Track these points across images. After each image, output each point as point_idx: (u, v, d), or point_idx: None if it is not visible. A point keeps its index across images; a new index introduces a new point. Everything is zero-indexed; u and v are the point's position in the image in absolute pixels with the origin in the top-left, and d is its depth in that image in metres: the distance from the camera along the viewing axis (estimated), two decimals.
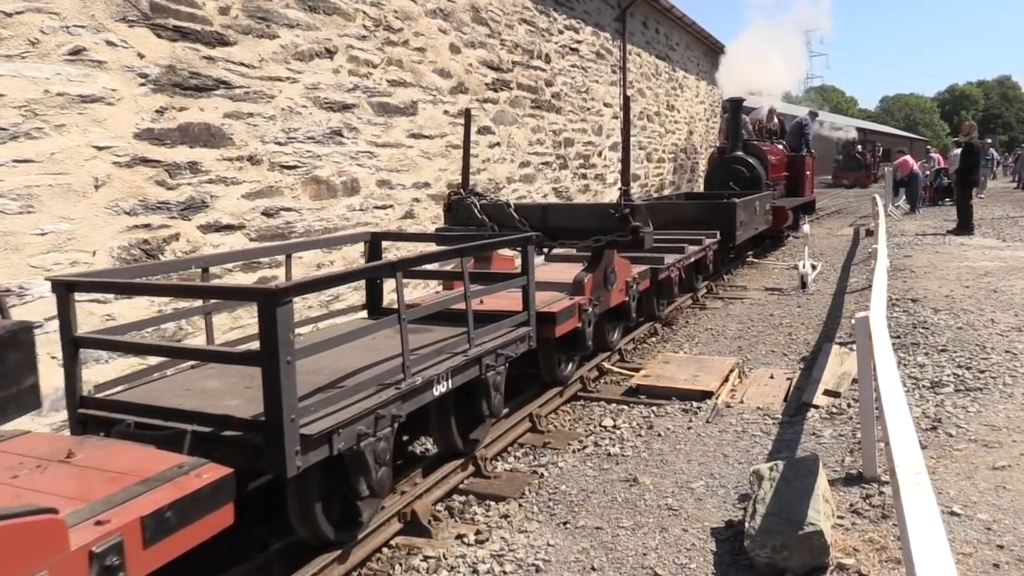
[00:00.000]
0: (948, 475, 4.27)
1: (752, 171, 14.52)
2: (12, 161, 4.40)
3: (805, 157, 17.42)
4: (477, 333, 4.44)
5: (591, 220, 6.43)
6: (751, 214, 12.06)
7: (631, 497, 4.34)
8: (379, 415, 3.54)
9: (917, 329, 7.41)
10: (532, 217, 6.61)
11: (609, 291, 6.41)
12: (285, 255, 5.03)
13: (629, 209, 6.13)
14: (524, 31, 10.85)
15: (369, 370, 3.90)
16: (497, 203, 6.68)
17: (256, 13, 6.13)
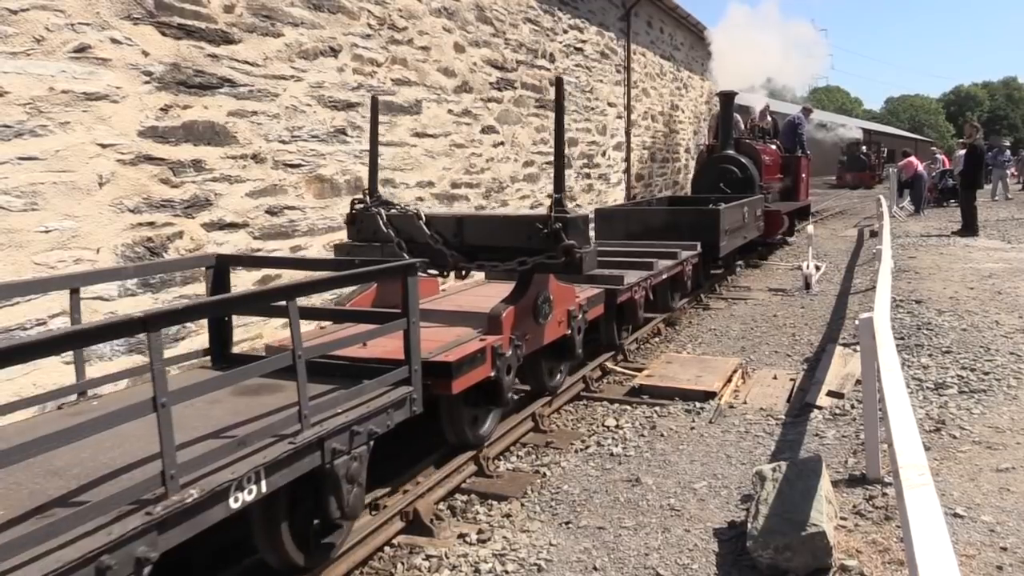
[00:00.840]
0: (952, 477, 4.26)
1: (744, 172, 13.35)
2: (17, 158, 4.40)
3: (800, 158, 16.38)
4: (319, 405, 3.20)
5: (516, 236, 5.12)
6: (739, 221, 10.97)
7: (633, 497, 4.34)
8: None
9: (921, 330, 7.39)
10: (447, 231, 5.35)
11: (542, 325, 5.20)
12: (70, 290, 3.66)
13: (561, 224, 4.85)
14: (528, 30, 10.84)
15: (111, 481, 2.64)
16: (407, 214, 5.41)
17: (261, 11, 6.13)
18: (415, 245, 5.29)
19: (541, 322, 5.17)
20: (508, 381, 4.75)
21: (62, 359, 4.61)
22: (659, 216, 10.56)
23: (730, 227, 10.21)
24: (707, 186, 13.44)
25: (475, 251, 5.31)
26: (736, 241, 10.81)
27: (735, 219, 10.65)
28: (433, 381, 4.09)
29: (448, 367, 4.15)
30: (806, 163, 16.68)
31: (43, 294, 4.47)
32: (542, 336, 5.24)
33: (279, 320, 6.25)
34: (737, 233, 10.77)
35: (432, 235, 5.29)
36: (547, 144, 11.57)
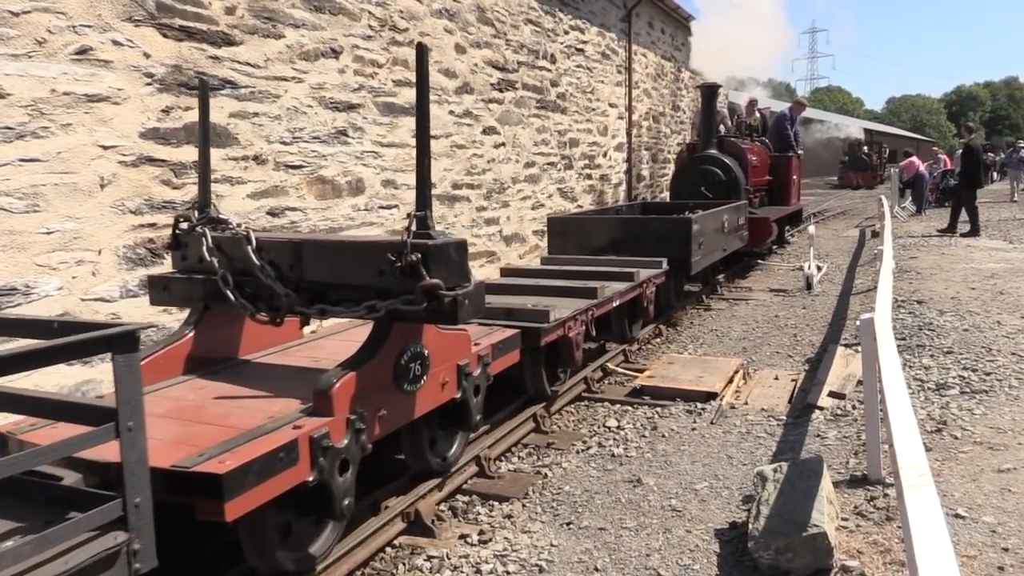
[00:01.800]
0: (953, 477, 4.26)
1: (728, 173, 11.92)
2: (18, 160, 4.41)
3: (791, 158, 14.72)
4: None
5: (365, 270, 3.68)
6: (717, 231, 9.60)
7: (635, 498, 4.34)
8: None
9: (923, 331, 7.39)
10: (283, 260, 3.88)
11: (412, 392, 3.79)
12: None
13: (421, 255, 3.48)
14: (530, 31, 10.84)
15: None
16: (236, 237, 3.98)
17: (262, 13, 6.14)
18: (249, 279, 3.91)
19: (408, 388, 3.77)
20: (343, 485, 3.31)
21: None
22: (621, 226, 8.97)
23: (706, 238, 8.93)
24: (687, 190, 12.05)
25: (320, 289, 3.84)
26: (714, 254, 9.55)
27: (713, 229, 9.35)
28: (197, 502, 2.74)
29: (217, 483, 2.67)
30: (797, 163, 15.18)
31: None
32: (411, 407, 3.83)
33: None
34: (715, 245, 9.50)
35: (262, 265, 3.83)
36: (548, 145, 11.57)
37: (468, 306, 3.57)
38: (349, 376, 3.39)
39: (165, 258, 5.33)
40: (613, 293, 6.60)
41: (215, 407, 3.50)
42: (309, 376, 3.64)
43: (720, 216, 9.76)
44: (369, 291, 3.65)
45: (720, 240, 9.76)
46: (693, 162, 12.42)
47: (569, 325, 5.65)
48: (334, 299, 3.78)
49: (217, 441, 2.96)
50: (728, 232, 10.12)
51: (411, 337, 3.80)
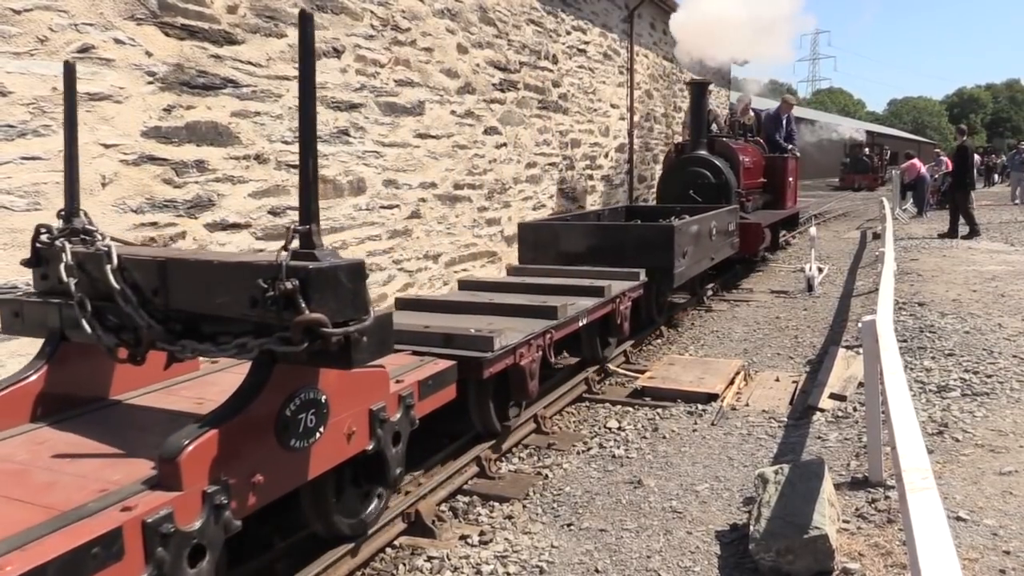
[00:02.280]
0: (955, 480, 4.25)
1: (719, 176, 11.15)
2: (20, 158, 4.41)
3: (787, 159, 13.86)
4: None
5: (238, 298, 2.89)
6: (704, 238, 8.87)
7: (635, 499, 4.34)
8: None
9: (924, 333, 7.39)
10: (147, 282, 3.15)
11: (303, 449, 3.04)
12: None
13: (299, 281, 2.71)
14: (531, 31, 10.83)
15: None
16: (96, 252, 3.22)
17: (264, 12, 6.13)
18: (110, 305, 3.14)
19: (298, 445, 3.00)
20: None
21: None
22: (597, 234, 8.17)
23: (691, 246, 8.24)
24: (675, 193, 11.32)
25: (192, 319, 3.08)
26: (700, 263, 8.79)
27: (698, 236, 8.60)
28: None
29: None
30: (794, 165, 14.37)
31: None
32: (302, 467, 3.07)
33: None
34: (702, 253, 8.76)
35: (122, 289, 3.08)
36: (550, 146, 11.56)
37: (366, 345, 2.78)
38: (207, 436, 2.63)
39: None
40: (579, 311, 5.88)
41: (44, 472, 2.75)
42: (186, 424, 2.79)
43: (707, 222, 9.01)
44: (246, 324, 2.88)
45: (708, 248, 9.00)
46: (681, 164, 11.64)
47: (521, 352, 4.92)
48: (209, 332, 3.01)
49: (16, 529, 2.25)
50: (717, 239, 9.40)
51: (302, 380, 3.00)
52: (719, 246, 9.58)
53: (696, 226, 8.57)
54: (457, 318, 5.58)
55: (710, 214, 9.22)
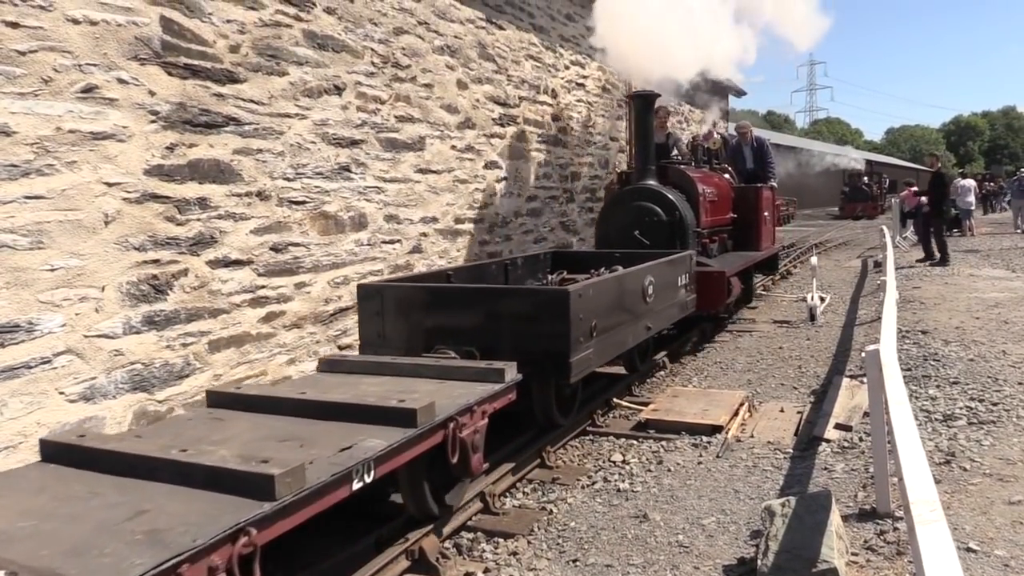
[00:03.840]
0: (963, 510, 4.21)
1: (671, 212, 8.76)
2: (23, 197, 4.43)
3: (761, 191, 11.30)
4: None
5: None
6: (633, 301, 6.28)
7: (641, 534, 4.29)
8: None
9: (928, 361, 7.36)
10: None
11: None
12: None
13: None
14: (531, 67, 10.94)
15: None
16: None
17: (266, 51, 6.20)
18: None
19: None
20: None
21: (66, 397, 4.61)
22: (460, 301, 5.51)
23: (606, 317, 5.64)
24: (616, 234, 8.95)
25: None
26: (625, 339, 6.13)
27: (621, 299, 6.02)
28: None
29: None
30: (770, 197, 11.82)
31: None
32: None
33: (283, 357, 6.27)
34: (628, 324, 6.17)
35: None
36: (550, 179, 11.62)
37: None
38: None
39: (169, 295, 5.34)
40: (347, 466, 3.16)
41: None
42: None
43: (639, 278, 6.39)
44: None
45: (642, 313, 6.44)
46: (623, 197, 9.18)
47: None
48: None
49: None
50: (660, 298, 6.82)
51: None
52: (663, 308, 6.98)
53: (615, 288, 5.95)
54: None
55: (644, 266, 6.61)
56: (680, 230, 8.79)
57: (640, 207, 8.93)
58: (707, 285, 8.47)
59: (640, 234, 8.75)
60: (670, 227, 8.78)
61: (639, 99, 9.47)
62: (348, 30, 7.16)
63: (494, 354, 4.97)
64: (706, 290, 8.40)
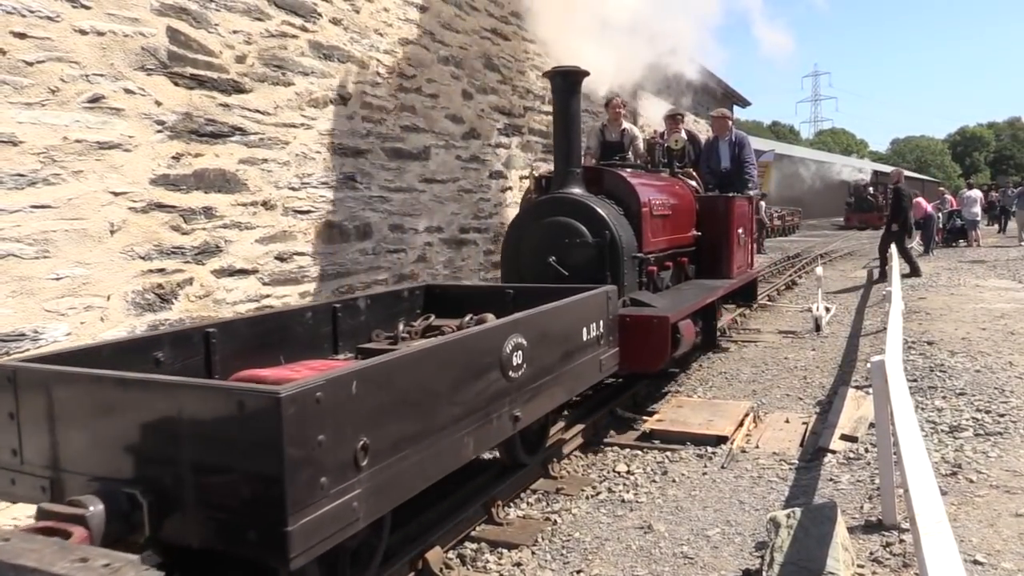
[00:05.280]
0: (970, 522, 4.19)
1: (599, 231, 6.47)
2: (29, 207, 4.45)
3: (733, 201, 8.78)
4: None
5: None
6: (471, 383, 3.62)
7: (646, 545, 4.27)
8: None
9: (934, 372, 7.33)
10: None
11: None
12: None
13: None
14: (535, 76, 10.97)
15: None
16: None
17: (272, 61, 6.23)
18: None
19: None
20: None
21: None
22: (101, 400, 2.84)
23: (405, 422, 3.11)
24: (528, 260, 6.64)
25: None
26: (443, 454, 3.37)
27: (447, 385, 3.44)
28: None
29: None
30: (746, 209, 9.32)
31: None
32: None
33: None
34: (462, 422, 3.52)
35: None
36: None
37: None
38: None
39: (174, 304, 5.35)
40: None
41: None
42: None
43: (490, 341, 3.85)
44: None
45: (492, 398, 3.80)
46: (537, 211, 6.80)
47: None
48: None
49: None
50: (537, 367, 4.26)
51: None
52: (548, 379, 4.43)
53: (430, 363, 3.34)
54: None
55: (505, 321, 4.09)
56: (612, 255, 6.46)
57: (556, 224, 6.54)
58: (639, 335, 5.96)
59: (557, 261, 6.40)
60: (598, 251, 6.43)
61: (560, 77, 6.81)
62: (354, 40, 7.19)
63: (172, 504, 2.67)
64: (638, 341, 5.91)
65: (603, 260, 6.46)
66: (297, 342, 4.56)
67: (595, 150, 8.80)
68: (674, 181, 8.66)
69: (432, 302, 5.88)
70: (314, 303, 5.26)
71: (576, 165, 6.94)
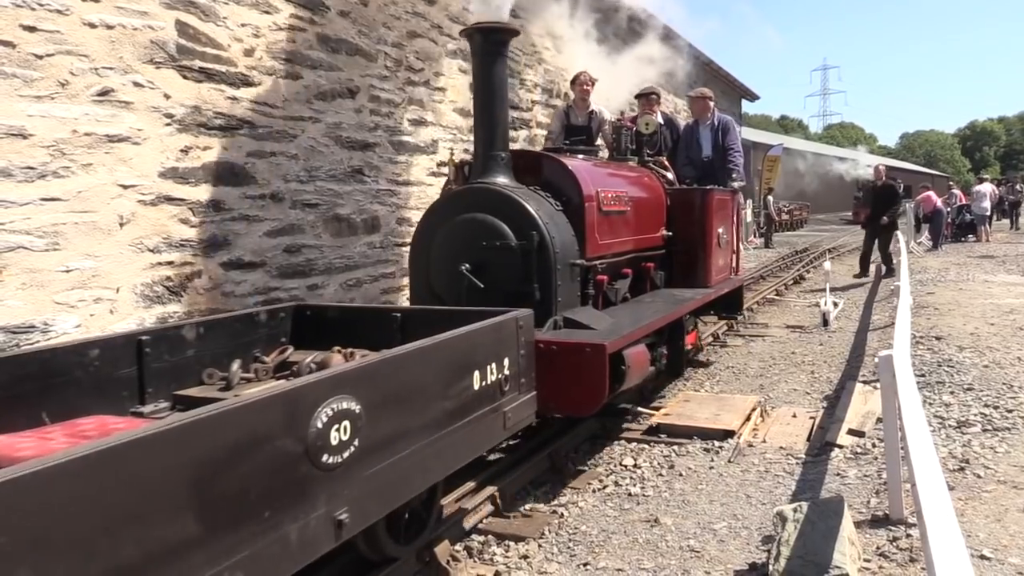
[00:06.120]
0: (977, 517, 4.18)
1: (525, 232, 5.08)
2: (39, 200, 4.47)
3: (712, 195, 7.41)
4: None
5: None
6: (236, 495, 2.14)
7: (652, 538, 4.28)
8: None
9: (942, 367, 7.31)
10: None
11: None
12: None
13: None
14: (543, 70, 10.96)
15: None
16: None
17: (280, 55, 6.24)
18: None
19: None
20: None
21: None
22: None
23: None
24: (439, 269, 5.34)
25: None
26: None
27: (179, 504, 1.96)
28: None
29: None
30: (728, 204, 7.97)
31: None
32: None
33: None
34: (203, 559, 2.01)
35: None
36: None
37: None
38: None
39: (182, 296, 5.37)
40: None
41: None
42: None
43: (283, 412, 2.37)
44: None
45: (287, 504, 2.36)
46: (449, 206, 5.46)
47: None
48: None
49: None
50: (379, 445, 2.82)
51: None
52: (407, 454, 3.00)
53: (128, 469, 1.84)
54: None
55: (313, 380, 2.58)
56: (541, 262, 5.07)
57: (471, 223, 5.15)
58: (567, 368, 4.60)
59: (472, 270, 5.02)
60: (523, 257, 5.06)
61: (479, 35, 5.40)
62: (362, 34, 7.19)
63: None
64: (565, 376, 4.58)
65: (529, 269, 5.07)
66: (80, 389, 3.23)
67: (557, 135, 7.57)
68: (641, 172, 7.17)
69: (303, 326, 4.43)
70: (110, 335, 3.60)
71: (501, 148, 5.43)
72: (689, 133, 8.56)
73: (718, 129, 8.39)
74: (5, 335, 4.31)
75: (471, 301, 4.84)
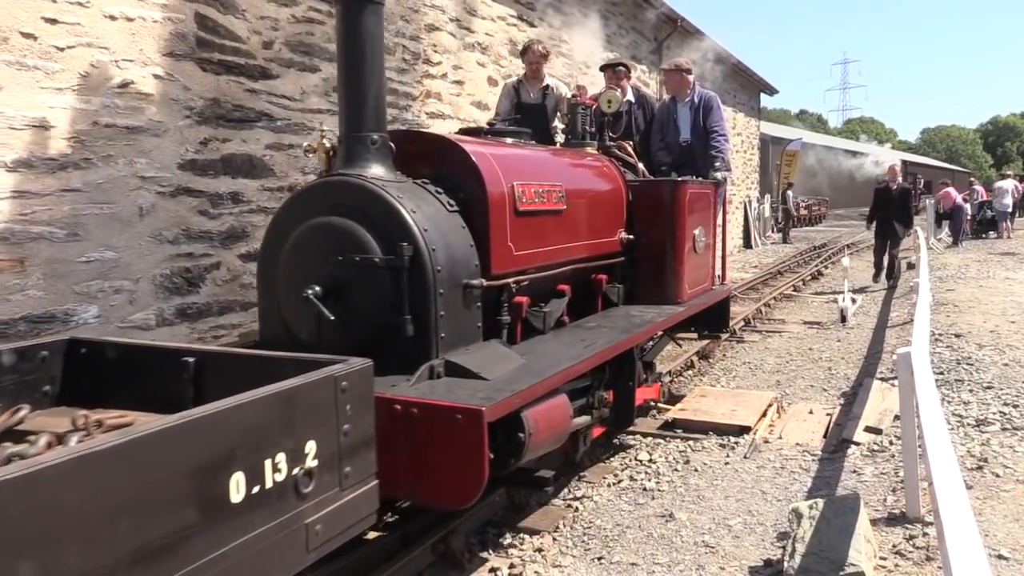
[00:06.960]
0: (995, 517, 4.15)
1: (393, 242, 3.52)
2: (60, 190, 4.51)
3: (684, 188, 5.69)
4: None
5: None
6: None
7: (667, 533, 4.28)
8: None
9: (961, 365, 7.25)
10: None
11: None
12: None
13: None
14: (561, 64, 10.93)
15: None
16: None
17: (299, 47, 6.25)
18: None
19: None
20: None
21: None
22: None
23: None
24: (286, 286, 3.77)
25: None
26: None
27: None
28: None
29: None
30: (708, 199, 6.26)
31: None
32: None
33: None
34: None
35: None
36: None
37: None
38: None
39: (201, 288, 5.41)
40: None
41: None
42: None
43: None
44: None
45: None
46: (296, 207, 3.90)
47: None
48: None
49: None
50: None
51: None
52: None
53: None
54: None
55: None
56: (416, 284, 3.61)
57: (325, 231, 3.71)
58: (432, 442, 3.15)
59: (321, 296, 3.52)
60: (394, 277, 3.58)
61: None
62: None
63: None
64: (429, 453, 3.16)
65: (399, 293, 3.57)
66: None
67: (505, 115, 6.36)
68: (596, 160, 5.76)
69: (81, 369, 2.84)
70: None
71: (373, 128, 3.93)
72: (665, 113, 7.12)
73: (699, 108, 6.89)
74: (27, 325, 4.36)
75: (324, 338, 3.56)
